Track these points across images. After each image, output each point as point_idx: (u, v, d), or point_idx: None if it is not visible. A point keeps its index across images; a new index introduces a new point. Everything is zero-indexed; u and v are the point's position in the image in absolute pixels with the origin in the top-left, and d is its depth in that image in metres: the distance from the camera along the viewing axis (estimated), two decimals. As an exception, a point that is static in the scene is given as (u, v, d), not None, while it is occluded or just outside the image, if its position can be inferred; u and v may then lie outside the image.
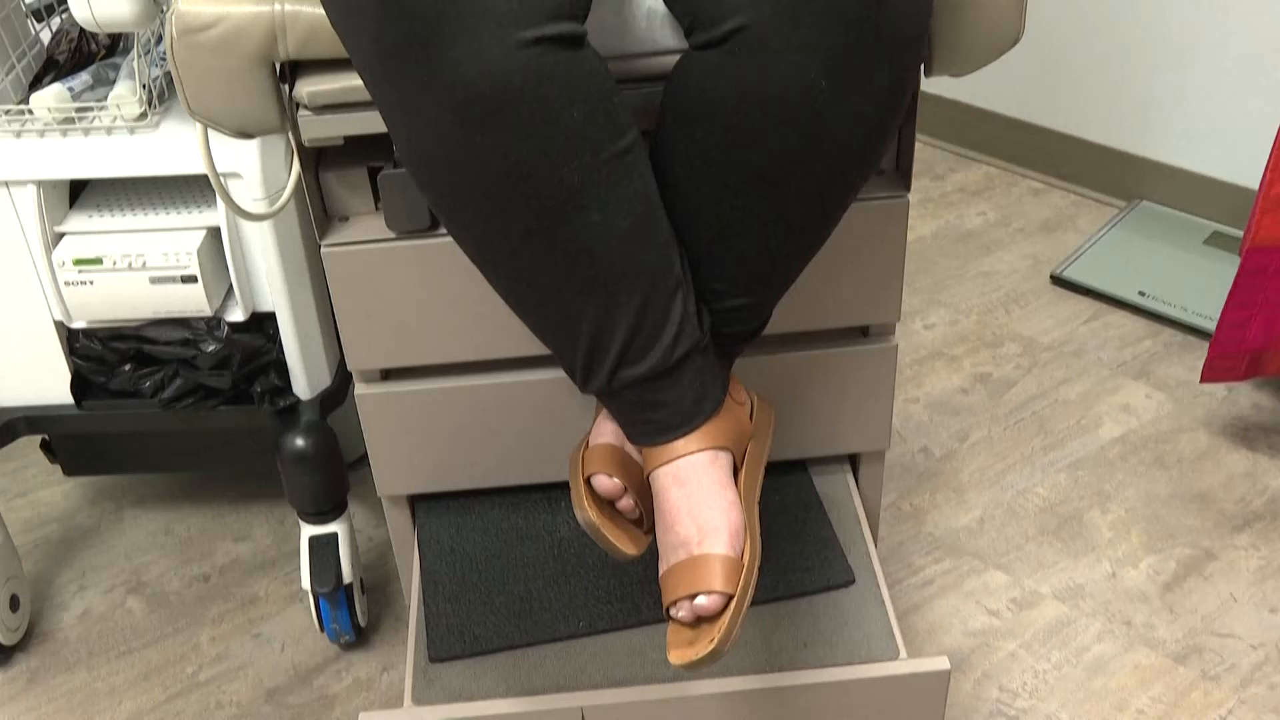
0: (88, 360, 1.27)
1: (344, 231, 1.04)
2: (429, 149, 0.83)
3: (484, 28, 0.77)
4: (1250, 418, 1.61)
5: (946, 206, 2.06)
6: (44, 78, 1.21)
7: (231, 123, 0.95)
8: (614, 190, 0.84)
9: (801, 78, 0.81)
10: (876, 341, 1.13)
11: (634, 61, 0.94)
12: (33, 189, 1.17)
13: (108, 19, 1.01)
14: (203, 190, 1.24)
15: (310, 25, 0.91)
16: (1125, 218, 1.96)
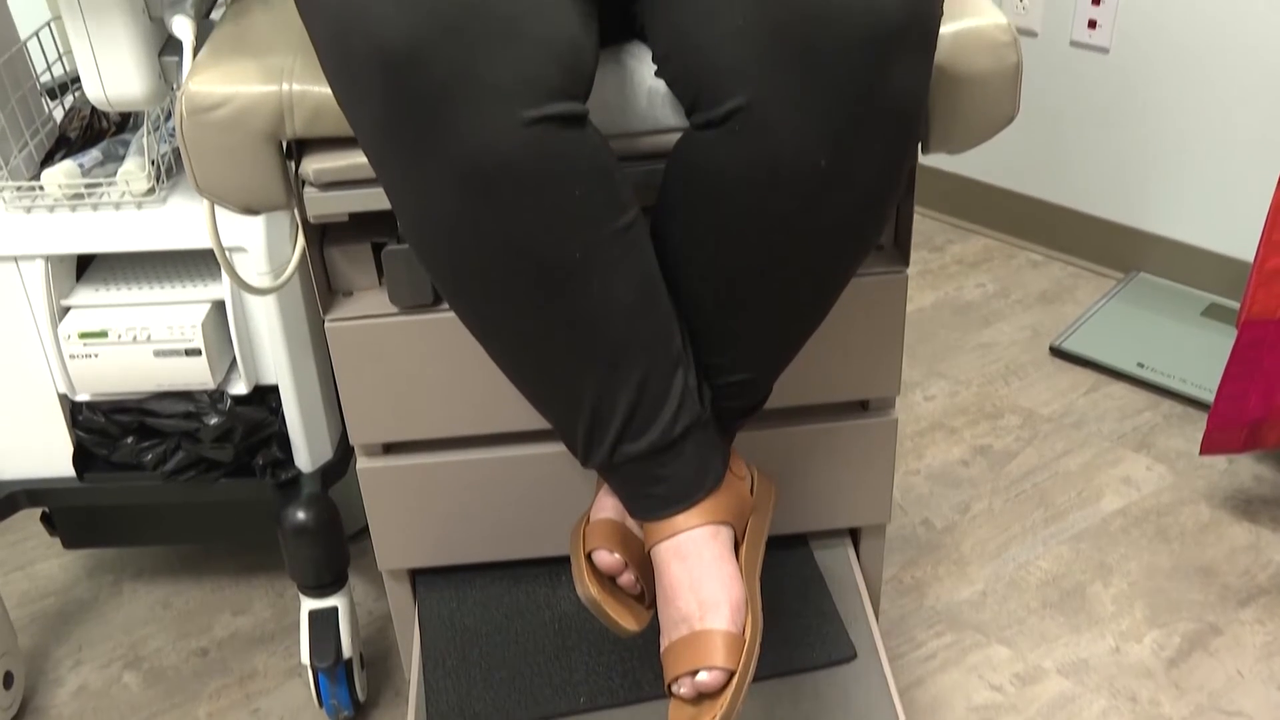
0: (90, 433, 1.27)
1: (347, 306, 1.05)
2: (432, 224, 0.84)
3: (488, 106, 0.78)
4: (1252, 490, 1.61)
5: (946, 278, 2.08)
6: (56, 154, 1.22)
7: (238, 199, 0.97)
8: (615, 266, 0.85)
9: (801, 156, 0.83)
10: (876, 415, 1.13)
11: (636, 139, 0.95)
12: (41, 264, 1.18)
13: (120, 98, 1.02)
14: (208, 264, 1.26)
15: (316, 104, 0.93)
16: (1123, 289, 1.98)
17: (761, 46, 0.80)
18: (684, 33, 0.84)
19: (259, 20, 1.03)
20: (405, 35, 0.77)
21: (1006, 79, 0.96)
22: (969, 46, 0.94)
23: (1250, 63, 1.73)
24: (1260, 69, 1.72)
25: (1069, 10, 1.88)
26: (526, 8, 0.80)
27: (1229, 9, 1.71)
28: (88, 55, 1.00)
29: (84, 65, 1.01)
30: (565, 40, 0.81)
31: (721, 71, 0.82)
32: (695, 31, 0.83)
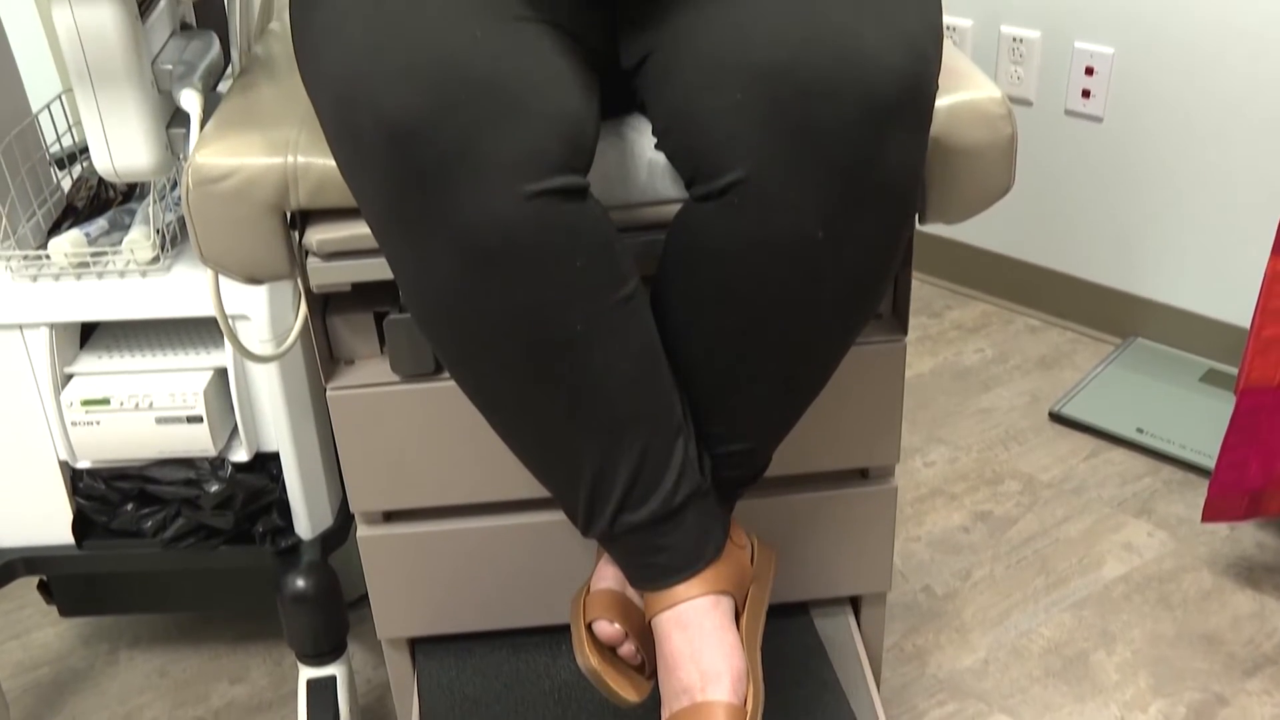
0: (90, 500, 1.27)
1: (349, 375, 1.05)
2: (434, 295, 0.85)
3: (490, 180, 0.80)
4: (1255, 557, 1.60)
5: (945, 343, 2.09)
6: (63, 223, 1.24)
7: (242, 270, 0.98)
8: (616, 337, 0.86)
9: (799, 227, 0.84)
10: (876, 483, 1.13)
11: (636, 210, 0.97)
12: (45, 331, 1.19)
13: (127, 170, 1.04)
14: (211, 331, 1.26)
15: (321, 176, 0.94)
16: (1121, 355, 1.98)
17: (759, 121, 0.81)
18: (683, 107, 0.86)
19: (265, 93, 1.04)
20: (409, 109, 0.79)
21: (1002, 151, 0.97)
22: (964, 119, 0.95)
23: (1243, 130, 1.75)
24: (1253, 136, 1.75)
25: (1063, 80, 1.91)
26: (530, 83, 0.82)
27: (1220, 78, 1.74)
28: (97, 128, 1.02)
29: (93, 137, 1.03)
30: (568, 115, 0.83)
31: (720, 145, 0.83)
32: (694, 106, 0.85)
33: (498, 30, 0.83)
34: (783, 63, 0.81)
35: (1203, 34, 1.73)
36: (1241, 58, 1.70)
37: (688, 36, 0.86)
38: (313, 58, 0.87)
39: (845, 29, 0.81)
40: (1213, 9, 1.70)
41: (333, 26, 0.85)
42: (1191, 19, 1.73)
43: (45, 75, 1.41)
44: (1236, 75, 1.72)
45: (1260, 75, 1.70)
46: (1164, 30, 1.76)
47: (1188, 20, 1.73)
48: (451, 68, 0.80)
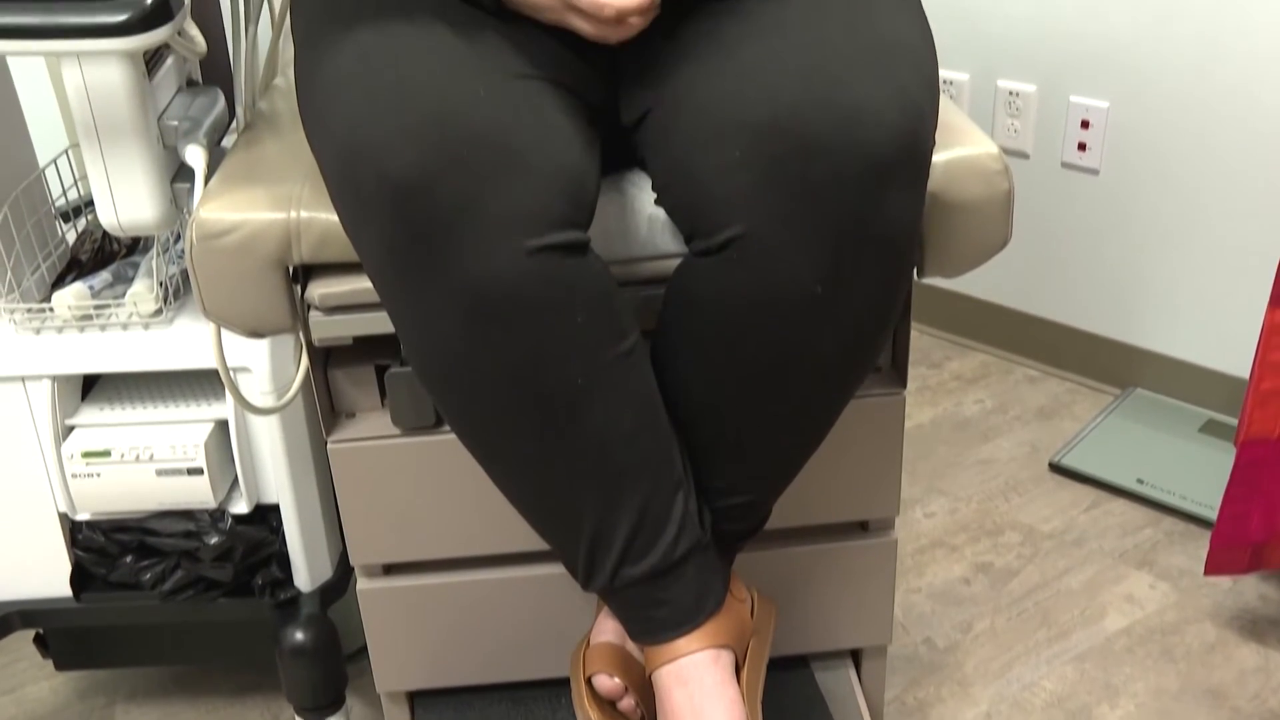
0: (89, 552, 1.27)
1: (350, 428, 1.05)
2: (435, 349, 0.85)
3: (492, 236, 0.80)
4: (1258, 610, 1.60)
5: (944, 394, 2.09)
6: (67, 276, 1.25)
7: (244, 324, 0.98)
8: (616, 390, 0.87)
9: (798, 282, 0.84)
10: (876, 536, 1.13)
11: (636, 265, 0.97)
12: (48, 384, 1.20)
13: (132, 224, 1.05)
14: (212, 383, 1.27)
15: (324, 231, 0.95)
16: (1120, 405, 1.99)
17: (758, 178, 0.82)
18: (682, 163, 0.87)
19: (269, 148, 1.06)
20: (412, 166, 0.80)
21: (999, 206, 0.98)
22: (961, 174, 0.96)
23: (1238, 182, 1.77)
24: (1248, 188, 1.76)
25: (1059, 133, 1.93)
26: (531, 139, 0.83)
27: (1214, 130, 1.75)
28: (103, 183, 1.03)
29: (99, 192, 1.04)
30: (569, 171, 0.84)
31: (719, 201, 0.84)
32: (693, 162, 0.86)
33: (500, 87, 0.85)
34: (781, 120, 0.82)
35: (1196, 88, 1.74)
36: (1235, 111, 1.72)
37: (687, 93, 0.88)
38: (317, 114, 0.88)
39: (843, 86, 0.83)
40: (1205, 64, 1.72)
41: (337, 83, 0.86)
42: (1184, 73, 1.75)
43: (52, 130, 1.43)
44: (1230, 128, 1.74)
45: (1254, 128, 1.72)
46: (1158, 84, 1.78)
47: (1181, 75, 1.75)
48: (454, 124, 0.81)
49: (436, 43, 0.86)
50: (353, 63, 0.86)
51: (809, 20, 0.87)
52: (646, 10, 0.88)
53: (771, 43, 0.86)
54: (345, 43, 0.88)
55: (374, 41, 0.87)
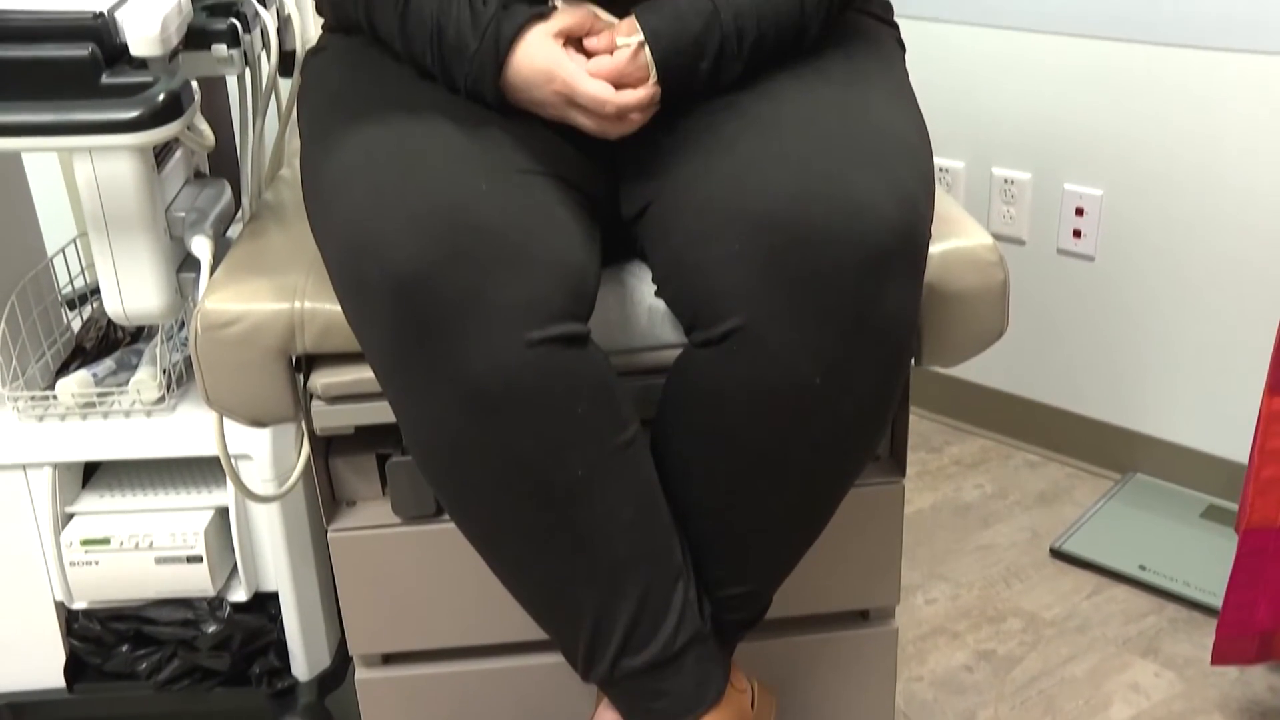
0: (85, 641, 1.26)
1: (351, 516, 1.06)
2: (437, 440, 0.86)
3: (494, 329, 0.81)
4: (1266, 701, 1.58)
5: (944, 479, 2.09)
6: (71, 364, 1.25)
7: (247, 413, 0.99)
8: (616, 481, 0.87)
9: (797, 373, 0.85)
10: (877, 624, 1.13)
11: (636, 355, 0.98)
12: (49, 471, 1.20)
13: (138, 314, 1.06)
14: (213, 469, 1.27)
15: (327, 321, 0.96)
16: (1121, 490, 1.98)
17: (757, 270, 0.83)
18: (682, 256, 0.88)
19: (274, 239, 1.07)
20: (415, 259, 0.81)
21: (995, 296, 0.99)
22: (957, 265, 0.98)
23: (1232, 268, 1.78)
24: (1242, 274, 1.78)
25: (1054, 220, 1.95)
26: (533, 233, 0.84)
27: (1208, 217, 1.78)
28: (110, 273, 1.04)
29: (105, 282, 1.05)
30: (570, 264, 0.85)
31: (718, 294, 0.85)
32: (693, 255, 0.87)
33: (502, 182, 0.86)
34: (779, 213, 0.83)
35: (1188, 176, 1.77)
36: (1227, 198, 1.75)
37: (686, 187, 0.89)
38: (322, 207, 0.89)
39: (839, 179, 0.84)
40: (1196, 152, 1.75)
41: (342, 177, 0.87)
42: (1176, 162, 1.77)
43: (61, 218, 1.45)
44: (1222, 215, 1.76)
45: (1245, 214, 1.74)
46: (1150, 172, 1.81)
47: (1173, 163, 1.78)
48: (457, 218, 0.82)
49: (440, 138, 0.88)
50: (357, 157, 0.88)
51: (805, 115, 0.89)
52: (646, 106, 0.90)
53: (769, 137, 0.87)
54: (350, 137, 0.90)
55: (379, 136, 0.88)
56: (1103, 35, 1.77)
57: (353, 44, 1.00)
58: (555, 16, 0.90)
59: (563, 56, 0.89)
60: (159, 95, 0.91)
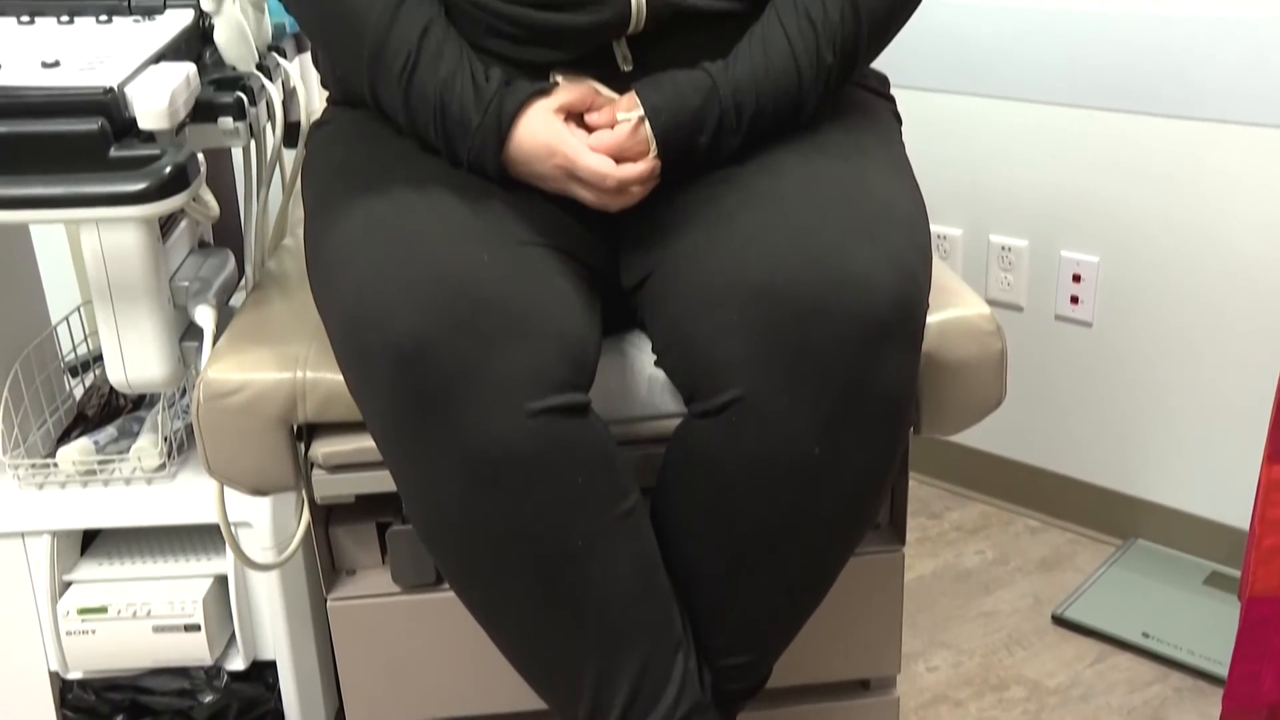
0: (79, 712, 1.25)
1: (350, 585, 1.05)
2: (437, 510, 0.86)
3: (495, 399, 0.82)
4: (1270, 769, 1.56)
5: (945, 545, 2.08)
6: (72, 431, 1.26)
7: (248, 482, 0.99)
8: (616, 551, 0.87)
9: (797, 444, 0.85)
10: (878, 694, 1.12)
11: (636, 424, 0.99)
12: (47, 539, 1.20)
13: (140, 382, 1.06)
14: (213, 537, 1.27)
15: (329, 391, 0.96)
16: (1123, 556, 1.97)
17: (756, 342, 0.84)
18: (682, 327, 0.89)
19: (277, 308, 1.08)
20: (417, 331, 0.82)
21: (992, 365, 1.00)
22: (955, 335, 0.98)
23: (1230, 334, 1.79)
24: (1238, 340, 1.78)
25: (1051, 286, 1.96)
26: (534, 304, 0.85)
27: (1202, 283, 1.79)
28: (113, 342, 1.05)
29: (109, 350, 1.06)
30: (570, 335, 0.86)
31: (718, 365, 0.85)
32: (693, 326, 0.88)
33: (504, 254, 0.87)
34: (778, 285, 0.84)
35: (1182, 242, 1.79)
36: (1223, 265, 1.76)
37: (686, 259, 0.90)
38: (324, 278, 0.90)
39: (837, 251, 0.85)
40: (1191, 219, 1.77)
41: (345, 249, 0.88)
42: (1171, 229, 1.79)
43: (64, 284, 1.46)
44: (1219, 280, 1.77)
45: (1239, 280, 1.75)
46: (1146, 239, 1.82)
47: (1168, 230, 1.79)
48: (459, 291, 0.83)
49: (443, 210, 0.89)
50: (361, 229, 0.89)
51: (804, 188, 0.90)
52: (646, 180, 0.92)
53: (768, 210, 0.89)
54: (353, 209, 0.91)
55: (382, 209, 0.90)
56: (1096, 106, 1.80)
57: (357, 117, 1.02)
58: (557, 92, 0.92)
59: (564, 131, 0.90)
60: (166, 168, 0.92)
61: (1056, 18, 1.76)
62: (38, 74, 0.95)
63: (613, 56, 0.93)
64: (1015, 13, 1.81)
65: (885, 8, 0.95)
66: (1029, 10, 1.79)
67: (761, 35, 0.92)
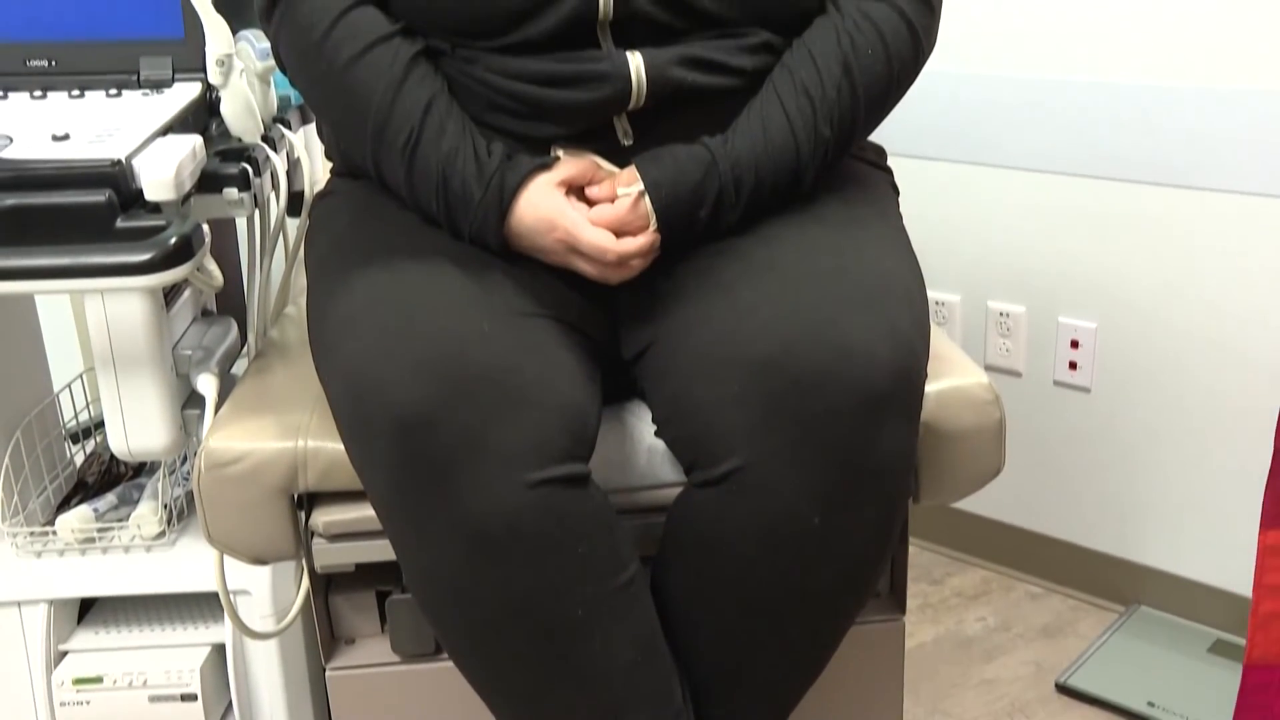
0: (75, 782, 1.24)
1: (350, 654, 1.05)
2: (437, 579, 0.86)
3: (495, 470, 0.82)
4: (1277, 841, 1.54)
5: (946, 611, 2.07)
6: (72, 498, 1.26)
7: (248, 551, 0.99)
8: (616, 622, 0.87)
9: (796, 514, 0.86)
10: (881, 766, 1.11)
11: (636, 494, 0.99)
12: (44, 608, 1.19)
13: (141, 450, 1.07)
14: (211, 605, 1.26)
15: (330, 460, 0.96)
16: (1126, 623, 1.96)
17: (756, 412, 0.84)
18: (682, 397, 0.89)
19: (279, 376, 1.09)
20: (418, 402, 0.82)
21: (991, 434, 1.00)
22: (953, 405, 0.99)
23: (1228, 397, 1.80)
24: (1235, 406, 1.79)
25: (1050, 352, 1.97)
26: (534, 375, 0.85)
27: (1199, 350, 1.80)
28: (115, 409, 1.05)
29: (111, 418, 1.06)
30: (571, 406, 0.86)
31: (718, 435, 0.86)
32: (693, 396, 0.88)
33: (504, 325, 0.88)
34: (777, 357, 0.85)
35: (1178, 309, 1.80)
36: (1219, 330, 1.77)
37: (685, 330, 0.91)
38: (326, 349, 0.91)
39: (835, 323, 0.86)
40: (1186, 286, 1.78)
41: (346, 320, 0.89)
42: (1167, 296, 1.80)
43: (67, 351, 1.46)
44: (1215, 345, 1.78)
45: (1237, 345, 1.76)
46: (1142, 305, 1.83)
47: (1164, 296, 1.81)
48: (459, 362, 0.83)
49: (444, 282, 0.90)
50: (363, 300, 0.90)
51: (802, 260, 0.91)
52: (646, 253, 0.93)
53: (766, 282, 0.89)
54: (355, 280, 0.92)
55: (383, 280, 0.91)
56: (1092, 174, 1.82)
57: (359, 188, 1.03)
58: (558, 167, 0.93)
59: (565, 205, 0.92)
60: (171, 239, 0.93)
61: (1053, 89, 1.79)
62: (48, 147, 0.96)
63: (613, 131, 0.95)
64: (1012, 84, 1.84)
65: (881, 83, 0.97)
66: (1025, 81, 1.82)
67: (760, 111, 0.94)
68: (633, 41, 0.92)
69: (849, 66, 0.94)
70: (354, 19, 0.93)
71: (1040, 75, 1.80)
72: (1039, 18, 1.77)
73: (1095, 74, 1.75)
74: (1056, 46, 1.77)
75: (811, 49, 0.95)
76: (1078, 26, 1.74)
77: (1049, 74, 1.79)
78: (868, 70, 0.95)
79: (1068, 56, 1.76)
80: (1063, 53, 1.76)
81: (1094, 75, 1.75)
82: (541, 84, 0.92)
